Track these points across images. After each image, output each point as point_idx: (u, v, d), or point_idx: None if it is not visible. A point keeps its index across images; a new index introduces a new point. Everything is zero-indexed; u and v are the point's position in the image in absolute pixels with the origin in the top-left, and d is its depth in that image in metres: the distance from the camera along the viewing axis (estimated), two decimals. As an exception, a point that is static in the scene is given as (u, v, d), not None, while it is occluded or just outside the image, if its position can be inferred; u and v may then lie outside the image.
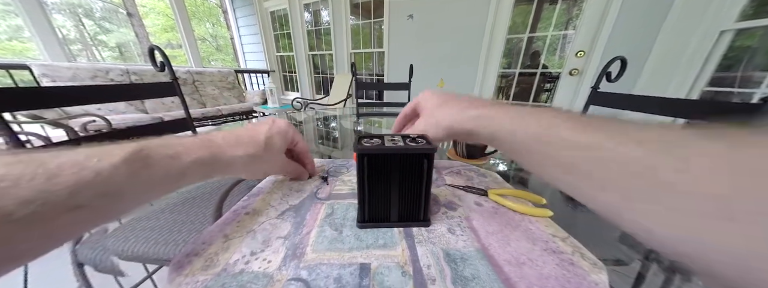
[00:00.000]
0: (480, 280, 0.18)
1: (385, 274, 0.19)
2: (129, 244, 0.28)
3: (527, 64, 1.93)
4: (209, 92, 2.70)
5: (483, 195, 0.31)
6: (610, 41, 1.48)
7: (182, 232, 0.30)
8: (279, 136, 0.28)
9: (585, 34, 1.58)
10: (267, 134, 0.27)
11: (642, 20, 1.37)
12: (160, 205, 0.35)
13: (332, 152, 0.64)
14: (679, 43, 1.25)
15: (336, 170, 0.37)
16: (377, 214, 0.24)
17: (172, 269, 0.19)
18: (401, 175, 0.22)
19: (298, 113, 1.38)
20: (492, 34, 1.87)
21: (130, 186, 0.16)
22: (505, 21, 1.82)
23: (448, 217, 0.26)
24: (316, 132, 0.88)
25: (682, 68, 1.25)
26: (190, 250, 0.21)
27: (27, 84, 1.79)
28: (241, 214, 0.26)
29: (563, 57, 1.77)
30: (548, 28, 1.77)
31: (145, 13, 4.78)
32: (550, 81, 1.92)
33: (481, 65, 1.97)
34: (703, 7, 1.16)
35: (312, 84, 3.40)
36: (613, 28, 1.45)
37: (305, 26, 3.09)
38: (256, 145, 0.25)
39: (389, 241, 0.22)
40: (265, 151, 0.26)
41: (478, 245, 0.22)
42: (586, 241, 0.22)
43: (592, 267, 0.19)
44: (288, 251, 0.21)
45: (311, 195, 0.30)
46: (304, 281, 0.18)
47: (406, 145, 0.22)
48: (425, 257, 0.20)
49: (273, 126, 0.28)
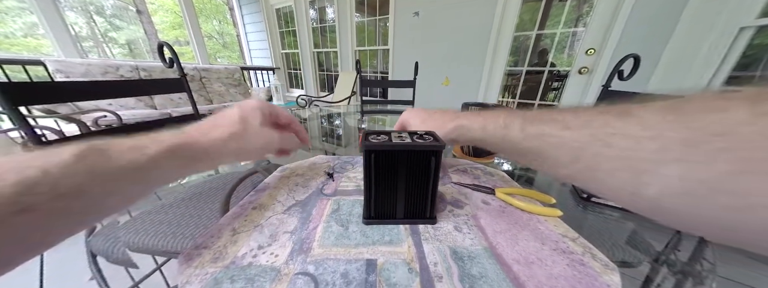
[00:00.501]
0: (488, 279, 0.18)
1: (391, 271, 0.18)
2: (139, 237, 0.29)
3: (535, 62, 1.89)
4: (216, 89, 2.73)
5: (490, 193, 0.30)
6: (622, 38, 1.44)
7: (190, 226, 0.30)
8: (253, 111, 0.26)
9: (596, 31, 1.54)
10: (241, 114, 0.25)
11: (656, 16, 1.32)
12: (168, 200, 0.36)
13: (336, 149, 0.64)
14: (696, 40, 1.21)
15: (341, 167, 0.37)
16: (383, 210, 0.24)
17: (182, 261, 0.19)
18: (408, 172, 0.22)
19: (302, 110, 1.38)
20: (499, 32, 1.83)
21: (90, 182, 0.15)
22: (512, 18, 1.78)
23: (454, 215, 0.26)
24: (321, 129, 0.88)
25: (697, 66, 1.21)
26: (200, 242, 0.21)
27: (41, 79, 1.84)
28: (248, 209, 0.26)
29: (572, 55, 1.73)
30: (557, 25, 1.73)
31: (153, 11, 4.85)
32: (559, 79, 1.88)
33: (488, 63, 1.94)
34: (722, 3, 1.11)
35: (316, 81, 3.41)
36: (625, 24, 1.40)
37: (310, 23, 3.09)
38: (233, 123, 0.24)
39: (395, 238, 0.22)
40: (244, 127, 0.24)
41: (485, 243, 0.21)
42: (596, 241, 0.22)
43: (603, 268, 0.19)
44: (295, 246, 0.21)
45: (317, 191, 0.30)
46: (311, 276, 0.18)
47: (414, 141, 0.22)
48: (432, 254, 0.20)
49: (244, 105, 0.26)
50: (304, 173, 0.35)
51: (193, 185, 0.41)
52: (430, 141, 0.22)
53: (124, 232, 0.29)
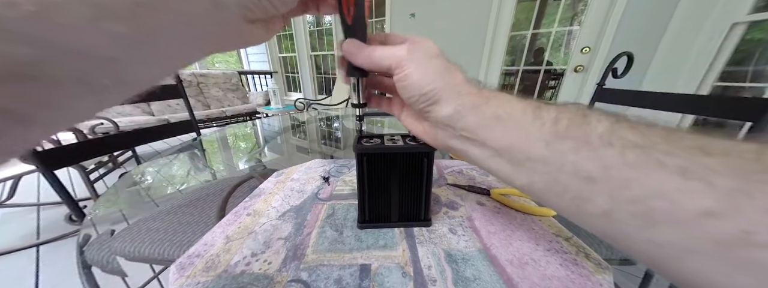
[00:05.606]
0: (482, 281, 0.18)
1: (385, 275, 0.18)
2: (135, 245, 0.29)
3: (531, 61, 1.91)
4: (213, 94, 2.73)
5: (485, 194, 0.30)
6: (616, 36, 1.45)
7: (187, 233, 0.30)
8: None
9: (590, 29, 1.55)
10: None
11: (649, 14, 1.34)
12: (165, 207, 0.36)
13: (334, 152, 0.64)
14: (689, 36, 1.22)
15: (337, 170, 0.37)
16: (378, 214, 0.24)
17: (176, 270, 0.19)
18: (401, 175, 0.22)
19: (301, 114, 1.38)
20: (495, 32, 1.85)
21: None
22: (508, 18, 1.79)
23: (449, 217, 0.26)
24: (319, 132, 0.88)
25: (691, 63, 1.22)
26: (193, 251, 0.21)
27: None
28: (242, 215, 0.26)
29: (568, 53, 1.74)
30: (552, 24, 1.74)
31: (150, 17, 4.84)
32: (555, 78, 1.89)
33: (484, 63, 1.95)
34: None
35: (314, 84, 3.42)
36: (619, 22, 1.42)
37: (307, 27, 3.10)
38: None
39: (390, 242, 0.22)
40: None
41: (480, 245, 0.21)
42: (591, 240, 0.22)
43: (596, 267, 0.19)
44: (289, 252, 0.21)
45: (312, 196, 0.30)
46: (304, 282, 0.18)
47: (406, 144, 0.22)
48: (426, 258, 0.20)
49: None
50: (300, 177, 0.35)
51: (190, 192, 0.41)
52: (423, 143, 0.22)
53: (119, 241, 0.29)
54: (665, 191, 0.09)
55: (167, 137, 0.68)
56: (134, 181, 0.46)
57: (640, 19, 1.40)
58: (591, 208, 0.11)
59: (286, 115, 1.19)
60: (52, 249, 0.93)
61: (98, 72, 0.09)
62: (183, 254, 0.21)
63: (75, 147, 0.46)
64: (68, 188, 0.41)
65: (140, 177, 0.48)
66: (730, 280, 0.08)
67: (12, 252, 0.90)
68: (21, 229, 1.03)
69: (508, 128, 0.14)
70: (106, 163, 1.28)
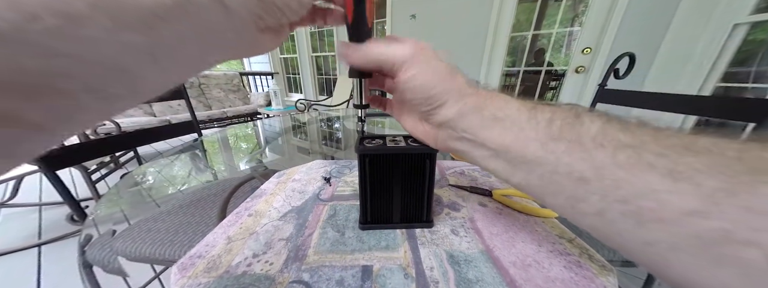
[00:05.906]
0: (484, 283, 0.18)
1: (387, 277, 0.18)
2: (136, 246, 0.29)
3: (532, 62, 1.90)
4: (215, 95, 2.74)
5: (487, 195, 0.30)
6: (617, 37, 1.45)
7: (188, 233, 0.30)
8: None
9: (591, 30, 1.55)
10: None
11: (651, 14, 1.33)
12: (167, 207, 0.36)
13: (335, 153, 0.64)
14: (690, 37, 1.22)
15: (339, 171, 0.37)
16: (379, 215, 0.24)
17: (177, 270, 0.19)
18: (403, 176, 0.22)
19: (301, 114, 1.39)
20: (495, 33, 1.85)
21: None
22: (508, 19, 1.79)
23: (451, 218, 0.26)
24: (320, 133, 0.88)
25: (693, 63, 1.21)
26: (194, 251, 0.21)
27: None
28: (244, 216, 0.26)
29: (569, 54, 1.74)
30: (553, 25, 1.74)
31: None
32: (556, 79, 1.89)
33: (485, 64, 1.95)
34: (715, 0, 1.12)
35: (315, 85, 3.42)
36: (620, 23, 1.41)
37: (308, 28, 3.12)
38: None
39: (392, 243, 0.22)
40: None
41: (482, 247, 0.21)
42: (594, 242, 0.22)
43: (600, 269, 0.19)
44: (290, 253, 0.21)
45: (314, 196, 0.30)
46: (305, 283, 0.18)
47: (408, 145, 0.22)
48: (428, 259, 0.20)
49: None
50: (301, 178, 0.35)
51: (191, 192, 0.41)
52: (425, 144, 0.22)
53: (121, 241, 0.29)
54: (654, 192, 0.10)
55: (169, 138, 0.68)
56: (136, 181, 0.46)
57: (641, 20, 1.40)
58: (585, 207, 0.12)
59: (287, 116, 1.19)
60: (53, 249, 0.93)
61: (114, 82, 0.09)
62: (184, 255, 0.21)
63: (77, 147, 0.46)
64: (70, 188, 0.41)
65: (142, 177, 0.48)
66: (713, 277, 0.09)
67: (14, 252, 0.90)
68: (23, 229, 1.03)
69: (505, 129, 0.14)
70: (108, 163, 1.29)
